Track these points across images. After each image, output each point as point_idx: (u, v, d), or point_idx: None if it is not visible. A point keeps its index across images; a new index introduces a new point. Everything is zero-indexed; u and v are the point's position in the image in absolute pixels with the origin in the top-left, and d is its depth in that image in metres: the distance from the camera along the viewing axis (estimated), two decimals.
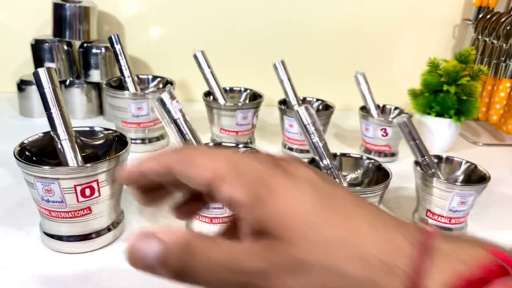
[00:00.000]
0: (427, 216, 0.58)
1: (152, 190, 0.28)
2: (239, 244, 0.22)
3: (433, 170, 0.59)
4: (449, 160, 0.63)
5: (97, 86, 0.95)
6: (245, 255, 0.22)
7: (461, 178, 0.61)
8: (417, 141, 0.58)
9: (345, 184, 0.55)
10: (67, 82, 0.94)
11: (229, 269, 0.21)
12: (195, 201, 0.29)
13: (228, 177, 0.23)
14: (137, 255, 0.22)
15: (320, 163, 0.54)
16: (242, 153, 0.25)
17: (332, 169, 0.54)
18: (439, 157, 0.63)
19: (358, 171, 0.60)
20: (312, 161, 0.56)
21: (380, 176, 0.57)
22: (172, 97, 0.48)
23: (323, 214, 0.22)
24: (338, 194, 0.23)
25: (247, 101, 0.87)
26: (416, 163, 0.59)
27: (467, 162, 0.61)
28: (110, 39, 0.81)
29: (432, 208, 0.57)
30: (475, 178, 0.60)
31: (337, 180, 0.54)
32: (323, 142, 0.54)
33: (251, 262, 0.21)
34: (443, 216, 0.57)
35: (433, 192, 0.56)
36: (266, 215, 0.22)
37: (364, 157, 0.60)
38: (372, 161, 0.59)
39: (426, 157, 0.58)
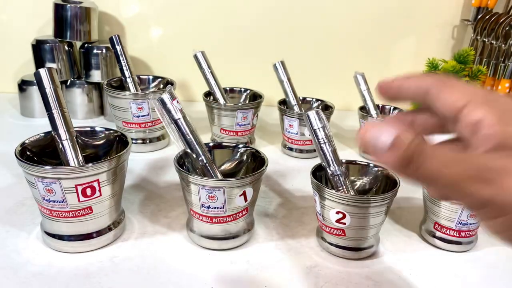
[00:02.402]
0: (435, 229, 0.55)
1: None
2: (473, 153, 0.26)
3: None
4: None
5: (98, 86, 0.95)
6: (483, 158, 0.25)
7: None
8: None
9: (352, 192, 0.53)
10: (68, 82, 0.94)
11: (463, 164, 0.24)
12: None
13: (481, 103, 0.26)
14: (369, 135, 0.25)
15: (327, 169, 0.53)
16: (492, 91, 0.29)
17: (339, 176, 0.53)
18: None
19: (365, 178, 0.58)
20: (320, 167, 0.55)
21: (387, 183, 0.55)
22: (173, 97, 0.48)
23: None
24: None
25: (247, 101, 0.87)
26: None
27: None
28: (111, 39, 0.81)
29: (440, 221, 0.54)
30: None
31: (343, 187, 0.53)
32: (332, 148, 0.52)
33: (493, 162, 0.24)
34: (452, 229, 0.54)
35: (441, 203, 0.54)
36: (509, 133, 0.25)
37: (371, 165, 0.58)
38: (380, 168, 0.57)
39: None
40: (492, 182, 0.24)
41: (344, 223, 0.50)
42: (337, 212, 0.50)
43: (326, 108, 0.84)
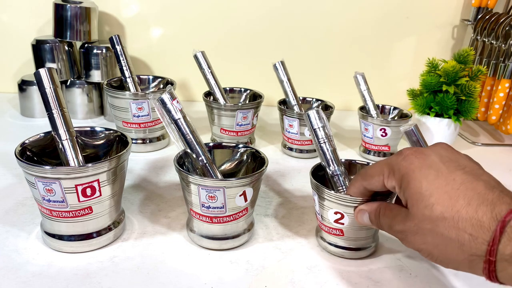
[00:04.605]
0: None
1: None
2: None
3: None
4: None
5: (98, 86, 0.95)
6: (396, 221, 0.41)
7: None
8: None
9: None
10: (68, 82, 0.94)
11: (390, 228, 0.42)
12: None
13: (389, 175, 0.42)
14: (359, 220, 0.47)
15: (327, 169, 0.53)
16: (394, 156, 0.42)
17: (339, 175, 0.53)
18: None
19: None
20: (319, 167, 0.55)
21: None
22: (173, 97, 0.48)
23: (436, 196, 0.37)
24: (456, 177, 0.37)
25: (247, 101, 0.87)
26: None
27: None
28: (111, 39, 0.81)
29: None
30: None
31: (343, 187, 0.53)
32: (332, 147, 0.52)
33: (399, 225, 0.41)
34: None
35: None
36: (405, 197, 0.40)
37: (370, 164, 0.56)
38: None
39: None
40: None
41: (343, 223, 0.50)
42: (336, 213, 0.50)
43: (326, 108, 0.84)
